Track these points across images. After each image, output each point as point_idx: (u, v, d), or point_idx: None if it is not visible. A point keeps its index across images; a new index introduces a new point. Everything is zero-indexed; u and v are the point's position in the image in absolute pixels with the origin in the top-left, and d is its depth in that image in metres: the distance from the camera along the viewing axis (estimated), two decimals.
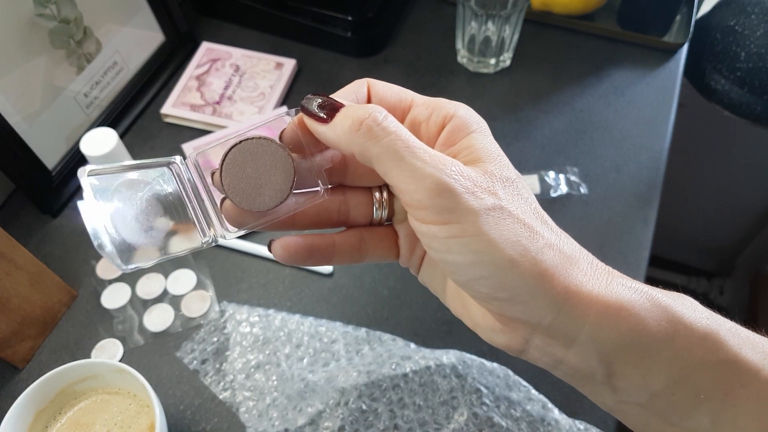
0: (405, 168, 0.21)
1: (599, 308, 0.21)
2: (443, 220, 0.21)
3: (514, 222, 0.21)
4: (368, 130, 0.21)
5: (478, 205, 0.21)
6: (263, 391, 0.49)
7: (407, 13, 0.78)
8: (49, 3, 0.56)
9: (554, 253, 0.21)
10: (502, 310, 0.22)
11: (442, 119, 0.24)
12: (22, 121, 0.56)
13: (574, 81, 0.70)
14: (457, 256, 0.21)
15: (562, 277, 0.21)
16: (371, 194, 0.27)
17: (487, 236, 0.20)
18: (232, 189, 0.24)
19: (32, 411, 0.43)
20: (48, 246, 0.59)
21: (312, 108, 0.23)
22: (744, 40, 0.76)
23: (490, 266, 0.20)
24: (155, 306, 0.54)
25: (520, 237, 0.21)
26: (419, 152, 0.21)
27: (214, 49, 0.72)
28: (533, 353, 0.23)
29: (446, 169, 0.21)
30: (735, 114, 0.82)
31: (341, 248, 0.26)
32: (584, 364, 0.22)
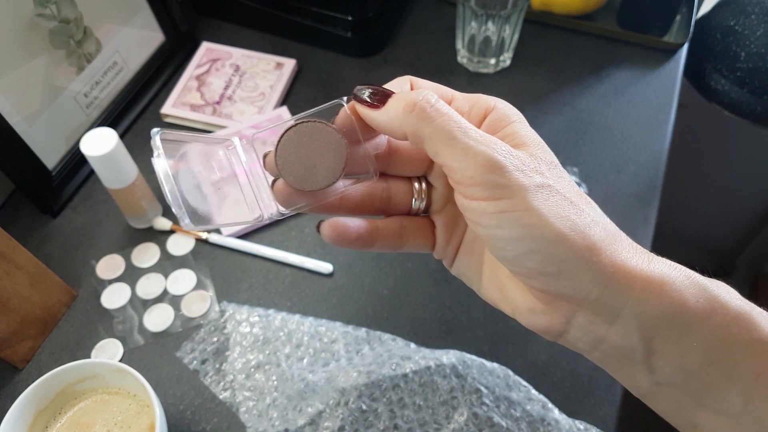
0: (457, 146, 0.22)
1: (643, 282, 0.21)
2: (494, 196, 0.21)
3: (561, 199, 0.22)
4: (422, 110, 0.22)
5: (527, 181, 0.21)
6: (263, 391, 0.49)
7: (407, 13, 0.78)
8: (49, 3, 0.56)
9: (600, 229, 0.22)
10: (549, 285, 0.22)
11: (483, 110, 0.25)
12: (22, 121, 0.56)
13: (574, 81, 0.70)
14: (507, 231, 0.21)
15: (608, 252, 0.21)
16: (411, 185, 0.28)
17: (537, 211, 0.21)
18: (285, 169, 0.25)
19: (32, 411, 0.43)
20: (48, 246, 0.59)
21: (364, 96, 0.25)
22: (744, 40, 0.76)
23: (540, 240, 0.21)
24: (155, 306, 0.54)
25: (568, 213, 0.21)
26: (471, 132, 0.22)
27: (214, 49, 0.72)
28: (573, 333, 0.23)
29: (497, 147, 0.22)
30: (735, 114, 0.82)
31: (383, 234, 0.27)
32: (625, 341, 0.22)
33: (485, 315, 0.53)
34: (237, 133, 0.26)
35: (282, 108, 0.66)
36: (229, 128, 0.64)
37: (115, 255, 0.58)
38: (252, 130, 0.64)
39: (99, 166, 0.52)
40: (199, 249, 0.58)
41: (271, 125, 0.26)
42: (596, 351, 0.24)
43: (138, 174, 0.55)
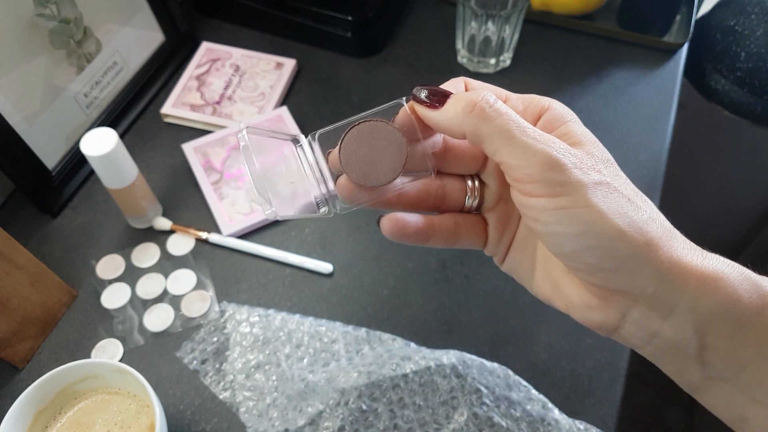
0: (516, 145, 0.22)
1: (699, 277, 0.22)
2: (553, 193, 0.22)
3: (619, 196, 0.22)
4: (481, 111, 0.23)
5: (586, 179, 0.22)
6: (263, 391, 0.49)
7: (407, 13, 0.78)
8: (49, 3, 0.56)
9: (657, 226, 0.22)
10: (606, 281, 0.23)
11: (538, 111, 0.26)
12: (22, 121, 0.56)
13: (574, 81, 0.70)
14: (566, 227, 0.22)
15: (665, 248, 0.22)
16: (464, 183, 0.28)
17: (597, 207, 0.22)
18: (349, 166, 0.26)
19: (32, 411, 0.43)
20: (48, 246, 0.59)
21: (422, 96, 0.25)
22: (744, 40, 0.76)
23: (599, 236, 0.22)
24: (155, 306, 0.54)
25: (626, 210, 0.22)
26: (529, 131, 0.23)
27: (214, 49, 0.72)
28: (628, 328, 0.23)
29: (555, 146, 0.23)
30: (735, 114, 0.82)
31: (439, 229, 0.28)
32: (679, 336, 0.22)
33: (485, 315, 0.53)
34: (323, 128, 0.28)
35: (282, 108, 0.66)
36: (230, 128, 0.64)
37: (115, 255, 0.58)
38: None
39: (99, 166, 0.52)
40: (199, 249, 0.58)
41: (334, 125, 0.27)
42: (649, 345, 0.24)
43: (138, 174, 0.55)
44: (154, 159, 0.65)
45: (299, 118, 0.65)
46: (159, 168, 0.64)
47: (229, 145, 0.63)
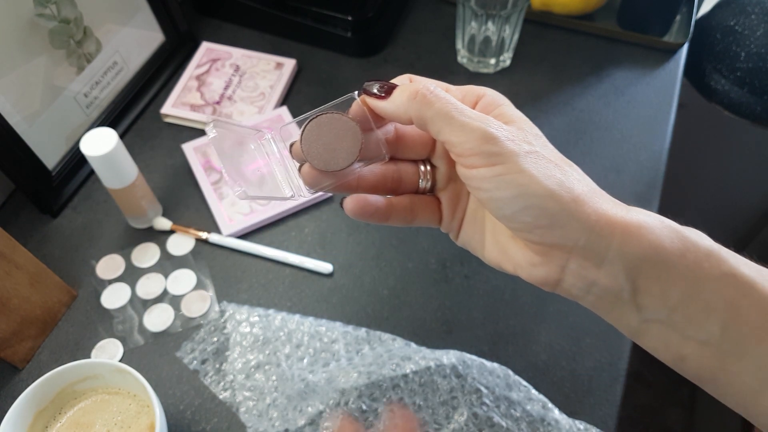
0: (456, 124, 0.26)
1: (623, 227, 0.25)
2: (490, 162, 0.25)
3: (548, 162, 0.26)
4: (423, 97, 0.26)
5: (518, 149, 0.25)
6: (263, 391, 0.49)
7: (407, 13, 0.78)
8: (49, 3, 0.56)
9: (583, 186, 0.26)
10: (543, 237, 0.25)
11: (475, 98, 0.29)
12: (22, 121, 0.56)
13: (574, 81, 0.70)
14: (504, 191, 0.25)
15: (592, 203, 0.25)
16: (417, 167, 0.32)
17: (528, 172, 0.25)
18: (310, 154, 0.29)
19: (32, 411, 0.43)
20: (48, 246, 0.59)
21: (373, 89, 0.29)
22: (744, 40, 0.76)
23: (532, 196, 0.25)
24: (155, 306, 0.54)
25: (554, 173, 0.25)
26: (466, 111, 0.26)
27: (214, 49, 0.72)
28: (568, 280, 0.26)
29: (489, 122, 0.26)
30: (735, 114, 0.82)
31: (397, 209, 0.31)
32: (613, 282, 0.25)
33: (485, 315, 0.53)
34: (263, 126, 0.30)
35: (282, 108, 0.66)
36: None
37: (115, 255, 0.58)
38: None
39: (99, 166, 0.52)
40: (199, 249, 0.58)
41: (294, 120, 0.30)
42: (589, 295, 0.26)
43: (138, 174, 0.55)
44: (154, 159, 0.65)
45: None
46: (159, 168, 0.64)
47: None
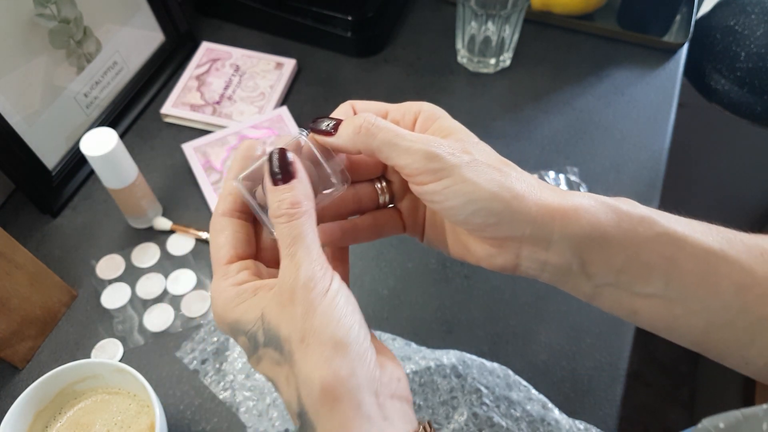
0: (400, 150, 0.28)
1: (562, 213, 0.27)
2: (437, 177, 0.28)
3: (487, 167, 0.28)
4: (366, 130, 0.28)
5: (459, 161, 0.28)
6: (263, 391, 0.49)
7: (407, 13, 0.78)
8: (49, 3, 0.56)
9: (522, 182, 0.28)
10: (495, 233, 0.28)
11: (413, 115, 0.31)
12: (22, 120, 0.56)
13: (574, 81, 0.70)
14: (453, 200, 0.28)
15: (532, 197, 0.28)
16: (374, 185, 0.33)
17: (471, 180, 0.27)
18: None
19: (32, 411, 0.43)
20: (48, 246, 0.59)
21: (320, 127, 0.30)
22: (744, 40, 0.76)
23: (478, 201, 0.27)
24: (155, 306, 0.54)
25: (494, 176, 0.28)
26: (408, 136, 0.28)
27: (214, 49, 0.72)
28: (524, 263, 0.29)
29: (430, 142, 0.28)
30: (735, 114, 0.82)
31: (362, 228, 0.33)
32: (562, 260, 0.28)
33: (485, 315, 0.53)
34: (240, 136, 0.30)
35: (282, 108, 0.66)
36: (230, 128, 0.64)
37: (115, 255, 0.58)
38: (252, 130, 0.64)
39: (99, 166, 0.52)
40: (199, 249, 0.58)
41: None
42: (545, 273, 0.29)
43: (138, 174, 0.55)
44: (154, 159, 0.65)
45: (299, 118, 0.66)
46: (159, 168, 0.64)
47: (229, 145, 0.63)
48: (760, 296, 0.27)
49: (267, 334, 0.26)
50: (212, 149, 0.63)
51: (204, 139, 0.64)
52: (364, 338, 0.26)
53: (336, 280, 0.26)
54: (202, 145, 0.63)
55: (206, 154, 0.63)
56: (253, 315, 0.27)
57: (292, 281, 0.26)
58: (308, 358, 0.25)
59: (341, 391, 0.24)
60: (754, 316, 0.27)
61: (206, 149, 0.63)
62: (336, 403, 0.24)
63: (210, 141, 0.63)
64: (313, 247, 0.26)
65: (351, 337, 0.25)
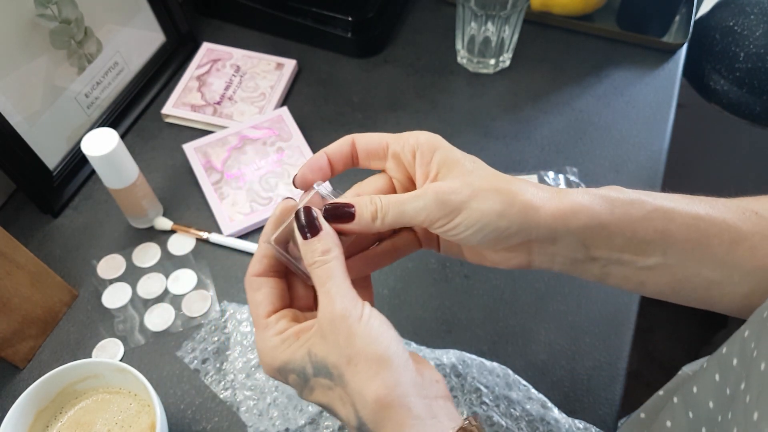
0: (412, 214, 0.31)
1: (562, 213, 0.30)
2: (450, 219, 0.31)
3: (489, 193, 0.30)
4: (376, 215, 0.32)
5: (463, 197, 0.30)
6: (264, 391, 0.49)
7: (407, 13, 0.78)
8: (50, 3, 0.56)
9: (522, 195, 0.31)
10: (507, 243, 0.31)
11: (412, 148, 0.33)
12: (23, 121, 0.56)
13: (573, 81, 0.70)
14: (467, 232, 0.31)
15: (533, 205, 0.30)
16: None
17: (479, 210, 0.30)
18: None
19: (33, 410, 0.43)
20: (49, 246, 0.59)
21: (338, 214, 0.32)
22: (743, 41, 0.76)
23: (488, 225, 0.30)
24: (156, 305, 0.55)
25: (496, 198, 0.30)
26: (410, 199, 0.31)
27: (214, 50, 0.72)
28: (537, 259, 0.32)
29: (433, 190, 0.31)
30: (734, 114, 0.82)
31: (382, 255, 0.36)
32: (570, 250, 0.31)
33: (485, 315, 0.53)
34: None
35: (282, 108, 0.66)
36: (230, 128, 0.64)
37: (116, 255, 0.58)
38: (252, 130, 0.64)
39: (100, 166, 0.52)
40: (199, 249, 0.58)
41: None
42: (555, 264, 0.33)
43: (139, 174, 0.55)
44: (154, 159, 0.65)
45: (299, 119, 0.66)
46: (160, 168, 0.64)
47: (230, 146, 0.63)
48: (749, 249, 0.30)
49: (315, 366, 0.29)
50: (213, 149, 0.63)
51: (205, 140, 0.64)
52: (402, 351, 0.29)
53: (367, 306, 0.29)
54: (203, 146, 0.63)
55: (207, 154, 0.63)
56: (299, 354, 0.30)
57: (330, 314, 0.29)
58: (358, 377, 0.28)
59: (392, 398, 0.27)
60: (748, 267, 0.30)
61: (207, 149, 0.63)
62: (389, 410, 0.27)
63: (211, 141, 0.64)
64: (344, 284, 0.30)
65: (391, 351, 0.28)
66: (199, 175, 0.61)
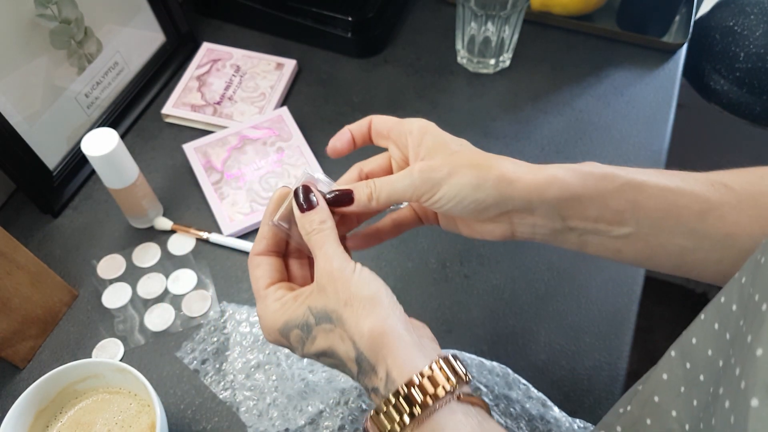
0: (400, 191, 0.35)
1: (537, 185, 0.33)
2: (433, 193, 0.34)
3: (467, 168, 0.34)
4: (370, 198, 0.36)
5: (443, 174, 0.34)
6: (263, 391, 0.49)
7: (407, 13, 0.78)
8: (50, 3, 0.56)
9: (499, 168, 0.33)
10: (488, 214, 0.34)
11: (406, 132, 0.37)
12: (23, 121, 0.56)
13: (573, 81, 0.70)
14: (450, 203, 0.34)
15: (509, 178, 0.33)
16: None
17: (458, 184, 0.33)
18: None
19: (33, 410, 0.43)
20: (49, 246, 0.59)
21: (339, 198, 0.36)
22: (743, 41, 0.76)
23: (467, 197, 0.34)
24: (156, 305, 0.55)
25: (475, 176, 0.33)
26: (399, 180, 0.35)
27: (214, 50, 0.72)
28: (518, 229, 0.35)
29: (419, 167, 0.34)
30: (734, 114, 0.82)
31: (384, 230, 0.40)
32: (547, 220, 0.34)
33: (485, 314, 0.53)
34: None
35: (282, 108, 0.66)
36: (230, 128, 0.64)
37: (116, 255, 0.58)
38: (252, 130, 0.64)
39: (100, 166, 0.52)
40: (199, 249, 0.58)
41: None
42: (536, 234, 0.35)
43: (139, 174, 0.55)
44: (154, 159, 0.65)
45: (299, 119, 0.66)
46: (160, 168, 0.64)
47: (230, 146, 0.63)
48: (718, 218, 0.31)
49: (317, 316, 0.33)
50: (213, 149, 0.63)
51: (205, 140, 0.64)
52: (391, 295, 0.33)
53: (358, 264, 0.33)
54: (203, 146, 0.63)
55: (207, 154, 0.63)
56: (300, 311, 0.33)
57: (328, 270, 0.32)
58: (354, 315, 0.31)
59: (384, 328, 0.31)
60: (717, 235, 0.32)
61: (207, 149, 0.63)
62: (382, 337, 0.31)
63: (211, 141, 0.64)
64: (338, 247, 0.33)
65: (381, 293, 0.32)
66: (199, 175, 0.61)
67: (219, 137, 0.64)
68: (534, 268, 0.56)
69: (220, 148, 0.63)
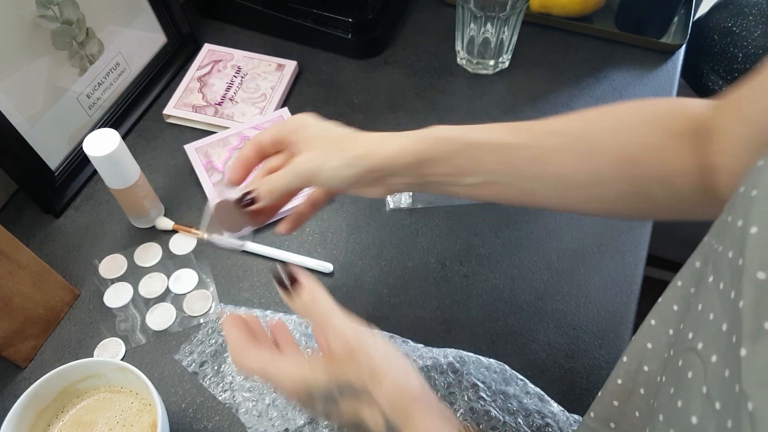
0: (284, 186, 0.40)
1: (387, 155, 0.38)
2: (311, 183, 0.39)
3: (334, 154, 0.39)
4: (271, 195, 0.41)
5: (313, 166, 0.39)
6: (262, 392, 0.50)
7: (407, 14, 0.78)
8: (51, 4, 0.56)
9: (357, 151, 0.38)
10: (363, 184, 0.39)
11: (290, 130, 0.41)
12: (24, 121, 0.56)
13: (572, 82, 0.71)
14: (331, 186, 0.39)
15: (364, 158, 0.38)
16: None
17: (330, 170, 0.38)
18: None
19: (34, 410, 0.43)
20: (50, 245, 0.59)
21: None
22: (741, 42, 0.76)
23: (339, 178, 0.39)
24: (157, 305, 0.55)
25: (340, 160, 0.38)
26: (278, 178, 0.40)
27: (215, 51, 0.73)
28: (392, 187, 0.40)
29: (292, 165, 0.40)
30: None
31: (305, 211, 0.46)
32: (411, 178, 0.39)
33: (484, 314, 0.54)
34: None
35: (283, 109, 0.66)
36: (231, 129, 0.65)
37: (118, 254, 0.58)
38: (253, 130, 0.65)
39: (101, 167, 0.53)
40: (200, 248, 0.58)
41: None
42: (408, 188, 0.40)
43: (140, 174, 0.55)
44: (156, 159, 0.65)
45: None
46: (161, 168, 0.64)
47: (231, 146, 0.63)
48: (548, 162, 0.36)
49: (341, 389, 0.33)
50: (214, 150, 0.63)
51: (206, 140, 0.64)
52: (405, 359, 0.34)
53: (368, 329, 0.35)
54: (204, 146, 0.64)
55: (208, 154, 0.63)
56: (321, 380, 0.34)
57: (346, 346, 0.34)
58: (383, 384, 0.32)
59: (415, 395, 0.32)
60: (549, 176, 0.37)
61: (208, 150, 0.63)
62: (414, 404, 0.32)
63: (212, 142, 0.64)
64: (343, 316, 0.35)
65: (400, 361, 0.34)
66: (200, 175, 0.62)
67: (220, 138, 0.64)
68: (533, 268, 0.56)
69: (221, 149, 0.63)
